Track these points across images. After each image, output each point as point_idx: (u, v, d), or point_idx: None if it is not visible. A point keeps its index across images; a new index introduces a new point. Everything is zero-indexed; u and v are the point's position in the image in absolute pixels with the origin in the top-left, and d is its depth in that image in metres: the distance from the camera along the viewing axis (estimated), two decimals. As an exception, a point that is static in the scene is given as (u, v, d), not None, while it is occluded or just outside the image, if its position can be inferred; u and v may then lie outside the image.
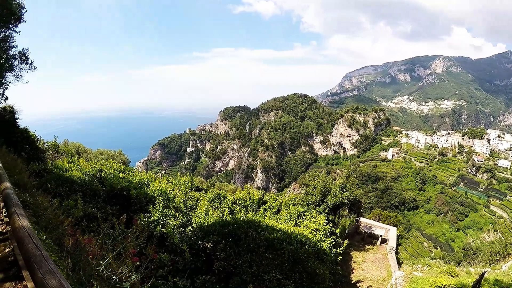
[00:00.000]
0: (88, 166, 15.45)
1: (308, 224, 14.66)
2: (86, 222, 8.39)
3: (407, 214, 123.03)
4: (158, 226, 10.38)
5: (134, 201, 12.13)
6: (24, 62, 18.14)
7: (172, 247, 9.68)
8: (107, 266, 4.34)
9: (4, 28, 16.56)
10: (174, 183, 17.38)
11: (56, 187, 10.90)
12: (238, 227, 11.31)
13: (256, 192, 17.52)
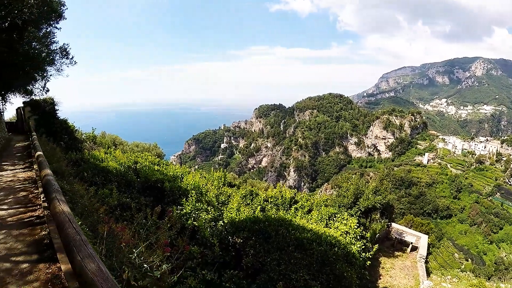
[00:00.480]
0: (124, 157, 15.86)
1: (339, 226, 14.52)
2: (120, 211, 8.62)
3: (439, 223, 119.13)
4: (190, 219, 10.52)
5: (167, 193, 12.32)
6: (64, 57, 19.04)
7: (203, 240, 9.80)
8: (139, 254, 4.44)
9: (45, 25, 17.35)
10: (207, 178, 17.53)
11: (92, 176, 11.27)
12: (269, 225, 11.32)
13: (288, 191, 17.48)
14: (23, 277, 4.51)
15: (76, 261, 2.11)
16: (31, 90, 21.07)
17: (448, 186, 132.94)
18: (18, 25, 14.82)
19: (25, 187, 9.36)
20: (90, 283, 1.86)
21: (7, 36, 14.87)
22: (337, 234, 13.33)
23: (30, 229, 6.20)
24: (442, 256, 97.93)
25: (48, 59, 18.54)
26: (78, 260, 2.11)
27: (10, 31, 14.99)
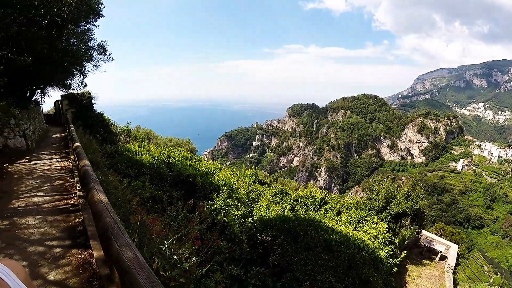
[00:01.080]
0: (157, 151, 16.21)
1: (368, 230, 14.34)
2: (151, 203, 8.83)
3: (470, 233, 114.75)
4: (220, 214, 10.66)
5: (199, 188, 12.48)
6: (102, 53, 19.82)
7: (231, 236, 9.91)
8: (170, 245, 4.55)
9: (84, 23, 18.01)
10: (239, 175, 17.69)
11: (126, 168, 11.55)
12: (298, 224, 11.33)
13: (318, 191, 17.38)
14: (55, 260, 4.71)
15: (114, 249, 2.19)
16: (69, 84, 22.02)
17: (482, 195, 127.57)
18: (58, 23, 15.45)
19: (61, 176, 9.74)
20: (127, 271, 1.93)
21: (46, 33, 15.53)
22: (366, 238, 13.18)
23: (65, 216, 6.46)
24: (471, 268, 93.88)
25: (86, 55, 19.34)
26: (115, 248, 2.19)
27: (49, 29, 15.66)
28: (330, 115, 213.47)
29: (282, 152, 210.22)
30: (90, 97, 21.21)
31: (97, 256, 4.69)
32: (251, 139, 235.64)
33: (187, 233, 5.37)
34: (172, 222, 5.57)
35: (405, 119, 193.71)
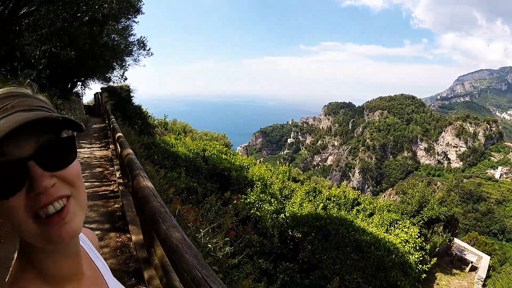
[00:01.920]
0: (193, 144, 16.57)
1: (399, 233, 14.16)
2: (186, 194, 9.09)
3: (504, 245, 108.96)
4: (253, 208, 10.84)
5: (233, 182, 12.67)
6: (141, 49, 20.54)
7: (263, 230, 10.06)
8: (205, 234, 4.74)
9: (124, 19, 18.69)
10: (273, 171, 17.83)
11: (162, 160, 11.89)
12: (330, 223, 11.38)
13: (351, 191, 17.28)
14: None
15: (162, 230, 2.35)
16: (109, 77, 23.05)
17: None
18: (99, 19, 16.11)
19: (101, 164, 10.18)
20: (175, 249, 2.08)
21: (88, 29, 16.22)
22: (397, 241, 13.04)
23: (104, 201, 6.78)
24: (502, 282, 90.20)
25: (126, 50, 20.13)
26: (163, 229, 2.35)
27: (91, 25, 16.33)
28: (367, 114, 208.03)
29: (317, 150, 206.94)
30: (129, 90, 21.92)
31: (135, 240, 4.92)
32: (286, 136, 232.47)
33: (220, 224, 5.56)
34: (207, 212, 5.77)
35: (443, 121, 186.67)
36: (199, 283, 1.80)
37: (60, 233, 0.71)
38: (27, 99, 0.75)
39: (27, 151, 0.68)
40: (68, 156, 0.75)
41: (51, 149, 0.71)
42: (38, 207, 0.68)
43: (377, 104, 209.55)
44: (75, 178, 0.76)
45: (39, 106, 0.75)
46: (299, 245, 10.75)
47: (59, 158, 0.73)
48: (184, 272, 1.92)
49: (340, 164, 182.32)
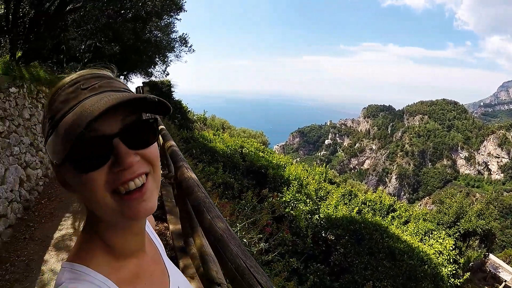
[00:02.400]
0: (231, 141, 16.75)
1: (434, 244, 13.77)
2: (223, 189, 9.23)
3: None
4: (288, 207, 10.87)
5: (270, 180, 12.72)
6: (183, 45, 21.04)
7: (296, 230, 10.07)
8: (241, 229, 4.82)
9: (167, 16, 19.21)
10: (309, 171, 17.75)
11: (200, 154, 12.09)
12: (365, 227, 11.25)
13: (387, 197, 16.95)
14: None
15: (207, 220, 2.42)
16: (151, 72, 23.70)
17: None
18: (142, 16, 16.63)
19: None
20: (219, 239, 2.14)
21: (132, 25, 16.73)
22: (430, 252, 12.69)
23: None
24: None
25: (168, 46, 20.66)
26: (208, 219, 2.43)
27: (135, 21, 16.86)
28: (406, 119, 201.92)
29: (354, 153, 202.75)
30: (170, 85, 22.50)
31: (172, 229, 5.06)
32: (323, 137, 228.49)
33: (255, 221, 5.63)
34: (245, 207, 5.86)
35: (486, 130, 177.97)
36: (243, 272, 1.84)
37: (138, 209, 0.76)
38: (112, 81, 0.80)
39: (113, 129, 0.72)
40: (150, 136, 0.79)
41: (135, 129, 0.76)
42: (120, 183, 0.72)
43: (418, 109, 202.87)
44: (155, 158, 0.80)
45: (123, 88, 0.81)
46: (332, 247, 10.68)
47: (142, 138, 0.77)
48: (228, 261, 1.97)
49: (377, 168, 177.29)
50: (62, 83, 0.78)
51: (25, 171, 7.61)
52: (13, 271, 5.27)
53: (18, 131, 7.66)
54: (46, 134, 0.75)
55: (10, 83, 7.65)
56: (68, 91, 0.75)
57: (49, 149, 0.74)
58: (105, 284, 0.76)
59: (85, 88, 0.74)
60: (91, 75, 0.79)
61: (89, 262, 0.79)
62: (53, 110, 0.74)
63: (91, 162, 0.70)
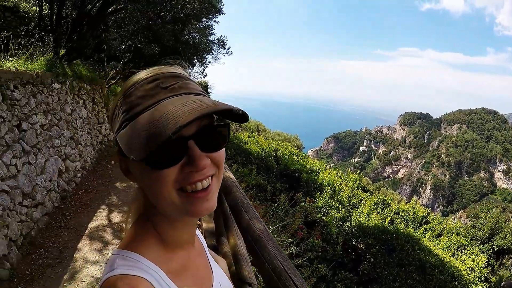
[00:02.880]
0: (266, 143, 16.81)
1: (466, 260, 13.30)
2: (255, 191, 9.27)
3: None
4: (320, 213, 10.78)
5: (303, 184, 12.63)
6: (221, 47, 21.38)
7: (327, 236, 9.96)
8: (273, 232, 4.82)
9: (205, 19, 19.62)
10: (343, 178, 17.53)
11: (235, 155, 12.21)
12: (396, 238, 10.99)
13: (421, 208, 16.51)
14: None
15: (245, 220, 2.45)
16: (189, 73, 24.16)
17: None
18: (181, 18, 17.08)
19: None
20: (257, 239, 2.15)
21: (171, 27, 17.22)
22: (462, 267, 12.24)
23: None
24: None
25: (207, 48, 21.01)
26: (246, 219, 2.45)
27: (174, 23, 17.34)
28: (444, 127, 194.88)
29: (388, 161, 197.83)
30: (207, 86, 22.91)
31: (205, 227, 5.12)
32: (358, 143, 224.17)
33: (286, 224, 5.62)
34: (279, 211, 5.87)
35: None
36: (279, 273, 1.84)
37: (201, 208, 0.78)
38: (189, 82, 0.82)
39: (189, 131, 0.74)
40: (221, 141, 0.81)
41: (208, 133, 0.78)
42: (188, 183, 0.75)
43: (456, 117, 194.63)
44: (222, 161, 0.82)
45: (200, 91, 0.82)
46: (361, 256, 10.46)
47: (214, 141, 0.79)
48: (265, 262, 1.97)
49: (411, 178, 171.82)
50: (138, 77, 0.81)
51: (64, 162, 7.93)
52: (46, 257, 5.50)
53: (60, 125, 7.98)
54: (118, 125, 0.78)
55: (53, 79, 7.98)
56: (147, 87, 0.77)
57: (122, 141, 0.75)
58: (156, 273, 0.79)
59: (165, 88, 0.77)
60: (169, 73, 0.82)
61: (141, 251, 0.81)
62: (130, 103, 0.77)
63: (165, 161, 0.73)
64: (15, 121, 5.92)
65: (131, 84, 0.81)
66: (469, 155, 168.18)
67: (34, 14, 10.65)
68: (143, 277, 0.75)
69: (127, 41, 16.06)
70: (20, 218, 5.59)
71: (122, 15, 14.66)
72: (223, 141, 0.82)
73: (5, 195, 5.25)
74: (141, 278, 0.75)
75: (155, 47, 16.80)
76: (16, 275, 4.93)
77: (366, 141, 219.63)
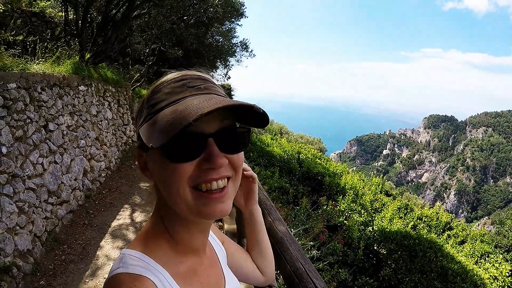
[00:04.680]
0: (289, 146, 16.78)
1: (489, 268, 12.92)
2: (277, 193, 9.26)
3: None
4: (342, 217, 10.68)
5: (325, 187, 12.52)
6: (244, 50, 21.73)
7: (348, 241, 9.85)
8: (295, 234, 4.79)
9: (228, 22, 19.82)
10: (365, 182, 17.31)
11: (257, 158, 12.24)
12: (419, 244, 10.77)
13: (445, 214, 16.16)
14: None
15: (267, 222, 2.44)
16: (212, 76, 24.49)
17: None
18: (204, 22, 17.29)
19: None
20: (280, 241, 2.15)
21: (195, 31, 17.46)
22: (485, 276, 11.87)
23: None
24: None
25: (230, 51, 21.31)
26: (269, 221, 2.44)
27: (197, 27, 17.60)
28: (469, 131, 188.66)
29: (412, 165, 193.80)
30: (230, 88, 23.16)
31: (226, 229, 5.20)
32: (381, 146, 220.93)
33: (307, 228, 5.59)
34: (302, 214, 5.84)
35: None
36: (301, 276, 1.83)
37: (215, 209, 0.77)
38: (214, 86, 0.83)
39: (211, 129, 0.75)
40: (240, 144, 0.82)
41: (229, 134, 0.78)
42: (204, 180, 0.75)
43: (482, 120, 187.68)
44: (239, 165, 0.83)
45: (223, 94, 0.83)
46: (382, 262, 10.30)
47: (233, 143, 0.79)
48: (287, 264, 1.96)
49: (435, 183, 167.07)
50: (167, 78, 0.83)
51: (89, 162, 8.12)
52: (69, 253, 5.66)
53: (85, 126, 8.17)
54: (142, 119, 0.80)
55: (80, 81, 8.19)
56: (174, 85, 0.79)
57: (144, 132, 0.76)
58: (162, 274, 0.79)
59: (192, 87, 0.78)
60: (197, 76, 0.84)
61: (150, 252, 0.82)
62: (156, 98, 0.78)
63: (184, 154, 0.73)
64: (42, 122, 6.10)
65: (159, 83, 0.83)
66: (494, 159, 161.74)
67: (59, 19, 10.97)
68: (147, 276, 0.76)
69: (151, 44, 16.37)
70: (45, 215, 5.76)
71: (146, 19, 14.94)
72: (242, 145, 0.82)
73: (31, 192, 5.43)
74: (144, 278, 0.75)
75: (178, 50, 17.05)
76: (39, 270, 5.09)
77: (390, 144, 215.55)
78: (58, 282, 4.95)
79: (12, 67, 5.49)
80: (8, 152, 4.95)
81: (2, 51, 5.91)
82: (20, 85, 5.52)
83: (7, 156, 4.93)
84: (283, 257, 2.04)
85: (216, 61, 22.03)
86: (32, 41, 7.72)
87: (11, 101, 5.15)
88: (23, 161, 5.34)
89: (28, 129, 5.58)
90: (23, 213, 5.07)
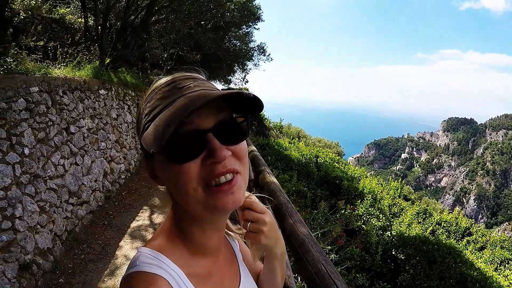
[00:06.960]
0: (306, 150, 16.66)
1: (509, 275, 12.60)
2: (295, 197, 9.23)
3: None
4: (360, 221, 10.58)
5: (343, 192, 12.43)
6: (261, 54, 21.83)
7: (366, 245, 9.75)
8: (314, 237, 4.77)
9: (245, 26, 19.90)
10: (384, 186, 17.11)
11: (275, 161, 12.21)
12: (438, 249, 10.58)
13: (464, 219, 15.84)
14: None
15: (289, 223, 2.44)
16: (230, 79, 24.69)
17: None
18: (222, 26, 17.40)
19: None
20: (302, 243, 2.14)
21: (212, 35, 17.59)
22: (505, 283, 11.56)
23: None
24: None
25: (247, 55, 21.38)
26: (290, 223, 2.44)
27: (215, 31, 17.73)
28: (489, 134, 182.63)
29: (431, 169, 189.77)
30: (248, 92, 23.47)
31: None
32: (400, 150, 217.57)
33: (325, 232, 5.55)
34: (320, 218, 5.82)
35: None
36: (323, 277, 1.83)
37: (227, 201, 0.77)
38: (205, 82, 0.84)
39: (208, 124, 0.76)
40: (240, 134, 0.82)
41: (227, 126, 0.79)
42: (212, 176, 0.76)
43: (502, 123, 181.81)
44: (243, 155, 0.83)
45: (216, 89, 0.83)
46: (401, 267, 10.15)
47: (233, 134, 0.80)
48: (308, 265, 1.96)
49: (454, 187, 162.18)
50: (158, 83, 0.84)
51: (109, 164, 8.23)
52: (88, 252, 5.75)
53: (106, 129, 8.30)
54: (142, 129, 0.80)
55: (100, 85, 8.34)
56: (165, 89, 0.80)
57: (145, 141, 0.76)
58: (177, 274, 0.79)
59: (181, 87, 0.78)
60: (185, 76, 0.84)
61: (165, 251, 0.83)
62: (150, 106, 0.79)
63: (186, 153, 0.74)
64: (64, 125, 6.22)
65: (150, 91, 0.84)
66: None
67: (79, 25, 11.23)
68: (162, 276, 0.76)
69: (169, 49, 16.54)
70: (66, 215, 5.87)
71: (164, 24, 15.13)
72: (242, 135, 0.83)
73: (53, 192, 5.54)
74: (159, 277, 0.76)
75: (196, 55, 17.26)
76: (59, 268, 5.18)
77: (408, 148, 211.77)
78: (77, 281, 5.03)
79: (34, 71, 5.63)
80: (31, 153, 5.07)
81: (24, 56, 6.05)
82: (42, 89, 5.65)
83: (30, 157, 5.04)
84: (305, 258, 2.04)
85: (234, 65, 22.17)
86: (52, 46, 7.89)
87: (33, 104, 5.28)
88: (44, 162, 5.45)
89: (50, 131, 5.70)
90: (44, 212, 5.19)
